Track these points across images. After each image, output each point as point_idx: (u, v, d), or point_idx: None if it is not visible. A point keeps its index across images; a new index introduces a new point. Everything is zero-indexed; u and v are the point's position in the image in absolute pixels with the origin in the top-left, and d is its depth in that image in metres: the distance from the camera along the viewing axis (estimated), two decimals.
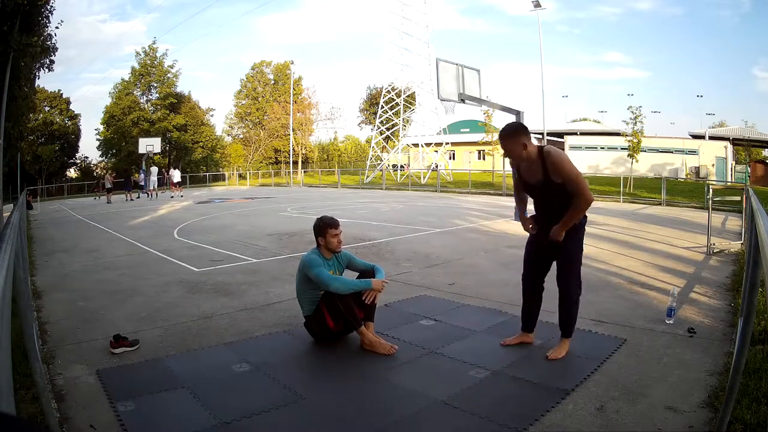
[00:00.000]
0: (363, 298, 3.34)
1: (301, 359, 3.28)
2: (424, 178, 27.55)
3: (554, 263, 3.13)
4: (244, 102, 50.13)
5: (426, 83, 29.50)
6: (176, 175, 23.60)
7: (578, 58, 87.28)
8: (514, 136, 2.87)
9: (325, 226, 3.44)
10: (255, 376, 2.95)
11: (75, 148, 41.99)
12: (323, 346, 3.40)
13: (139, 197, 20.68)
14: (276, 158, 49.45)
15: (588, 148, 34.27)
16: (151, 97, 41.91)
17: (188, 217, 12.34)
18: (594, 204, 3.07)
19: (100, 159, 43.53)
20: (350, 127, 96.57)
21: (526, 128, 2.94)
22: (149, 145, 29.36)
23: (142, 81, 41.22)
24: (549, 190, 2.94)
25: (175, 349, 3.38)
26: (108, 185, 21.03)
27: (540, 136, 33.47)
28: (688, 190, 18.46)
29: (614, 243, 7.52)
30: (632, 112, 21.64)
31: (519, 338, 3.34)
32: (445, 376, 2.90)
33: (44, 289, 5.16)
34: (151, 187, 22.80)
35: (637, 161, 22.46)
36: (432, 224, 10.00)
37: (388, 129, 33.55)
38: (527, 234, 3.28)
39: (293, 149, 42.27)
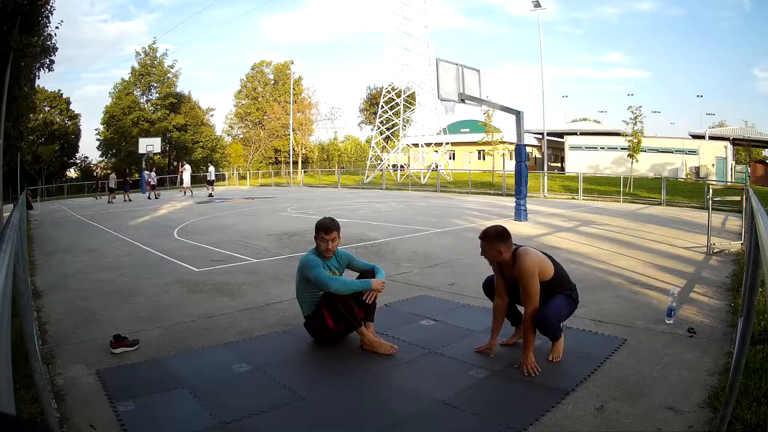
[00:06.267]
0: (363, 298, 3.34)
1: (301, 359, 3.28)
2: (424, 178, 27.54)
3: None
4: (244, 102, 50.16)
5: (426, 83, 29.51)
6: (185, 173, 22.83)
7: (579, 59, 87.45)
8: (492, 241, 3.07)
9: (317, 228, 3.41)
10: (255, 376, 2.95)
11: (75, 148, 42.09)
12: (323, 346, 3.40)
13: (158, 197, 20.66)
14: (276, 158, 49.48)
15: (588, 148, 34.27)
16: (151, 97, 41.99)
17: (188, 217, 12.33)
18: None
19: (100, 159, 43.64)
20: (350, 127, 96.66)
21: (506, 236, 3.08)
22: (149, 145, 29.36)
23: (142, 81, 41.27)
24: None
25: (175, 349, 3.38)
26: (111, 185, 21.01)
27: (540, 136, 33.51)
28: (688, 190, 18.45)
29: (614, 243, 7.52)
30: (632, 112, 21.72)
31: (516, 336, 3.36)
32: (445, 376, 2.90)
33: (44, 289, 5.16)
34: (186, 185, 22.11)
35: (637, 161, 22.48)
36: (432, 224, 9.99)
37: (388, 129, 33.55)
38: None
39: (293, 149, 42.27)
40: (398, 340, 3.43)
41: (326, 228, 3.40)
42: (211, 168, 23.20)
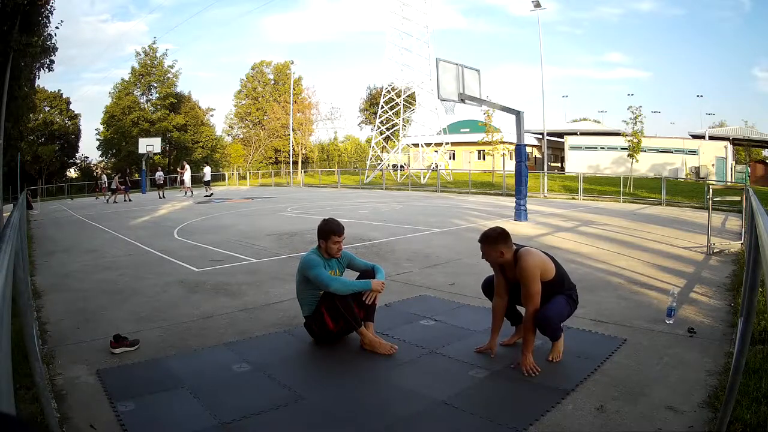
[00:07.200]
0: (363, 299, 3.34)
1: (301, 359, 3.28)
2: (424, 178, 27.54)
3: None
4: (244, 102, 50.17)
5: (426, 83, 29.52)
6: (186, 173, 22.66)
7: (579, 59, 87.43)
8: (493, 244, 3.05)
9: (329, 232, 3.41)
10: (255, 376, 2.95)
11: (75, 148, 42.07)
12: (323, 346, 3.40)
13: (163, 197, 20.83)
14: (276, 158, 49.49)
15: (588, 148, 34.27)
16: (151, 97, 42.02)
17: (188, 217, 12.33)
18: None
19: (100, 159, 43.66)
20: (350, 127, 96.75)
21: (506, 236, 3.07)
22: (149, 145, 29.36)
23: (142, 81, 41.29)
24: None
25: (175, 349, 3.38)
26: (114, 185, 21.19)
27: (540, 136, 33.51)
28: (688, 190, 18.46)
29: (614, 243, 7.52)
30: (632, 112, 21.74)
31: (516, 336, 3.36)
32: (445, 376, 2.90)
33: (44, 289, 5.16)
34: (187, 185, 22.25)
35: (637, 161, 22.49)
36: (432, 224, 9.99)
37: (388, 129, 33.56)
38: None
39: (293, 149, 42.27)
40: (398, 340, 3.43)
41: (339, 231, 3.42)
42: (207, 169, 23.53)
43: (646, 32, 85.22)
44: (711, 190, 7.44)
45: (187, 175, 22.35)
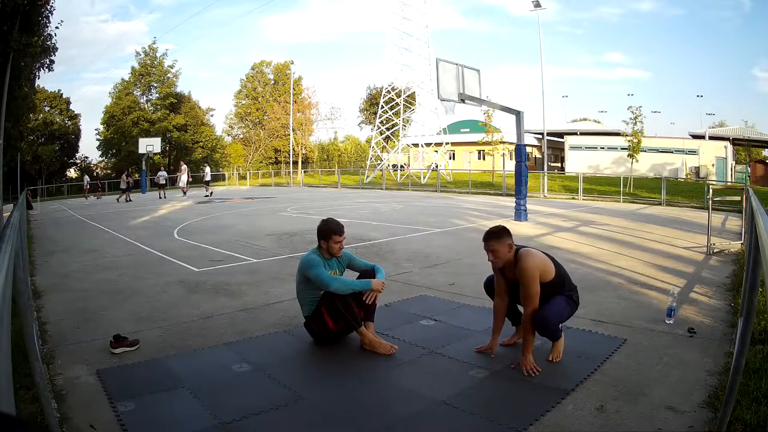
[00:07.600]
0: (363, 299, 3.34)
1: (301, 359, 3.28)
2: (424, 178, 27.54)
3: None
4: (244, 102, 50.15)
5: (426, 83, 29.52)
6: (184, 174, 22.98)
7: (579, 59, 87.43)
8: (501, 237, 3.03)
9: (330, 232, 3.42)
10: (255, 376, 2.95)
11: (75, 148, 42.08)
12: (323, 346, 3.40)
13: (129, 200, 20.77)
14: (276, 158, 49.49)
15: (588, 148, 34.27)
16: (151, 97, 42.03)
17: (188, 217, 12.33)
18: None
19: (100, 159, 43.66)
20: (350, 127, 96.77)
21: (508, 231, 3.09)
22: (149, 145, 29.41)
23: (142, 81, 41.29)
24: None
25: (175, 349, 3.38)
26: (123, 186, 21.50)
27: (540, 136, 33.51)
28: (688, 190, 18.46)
29: (614, 243, 7.52)
30: (632, 112, 21.73)
31: (516, 336, 3.36)
32: (445, 376, 2.90)
33: (44, 289, 5.16)
34: (183, 185, 22.62)
35: (637, 161, 22.49)
36: (432, 224, 9.99)
37: (388, 129, 33.55)
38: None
39: (293, 149, 42.27)
40: (398, 340, 3.43)
41: (339, 230, 3.43)
42: (207, 169, 23.90)
43: (646, 32, 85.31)
44: (711, 190, 7.44)
45: (185, 176, 22.58)
